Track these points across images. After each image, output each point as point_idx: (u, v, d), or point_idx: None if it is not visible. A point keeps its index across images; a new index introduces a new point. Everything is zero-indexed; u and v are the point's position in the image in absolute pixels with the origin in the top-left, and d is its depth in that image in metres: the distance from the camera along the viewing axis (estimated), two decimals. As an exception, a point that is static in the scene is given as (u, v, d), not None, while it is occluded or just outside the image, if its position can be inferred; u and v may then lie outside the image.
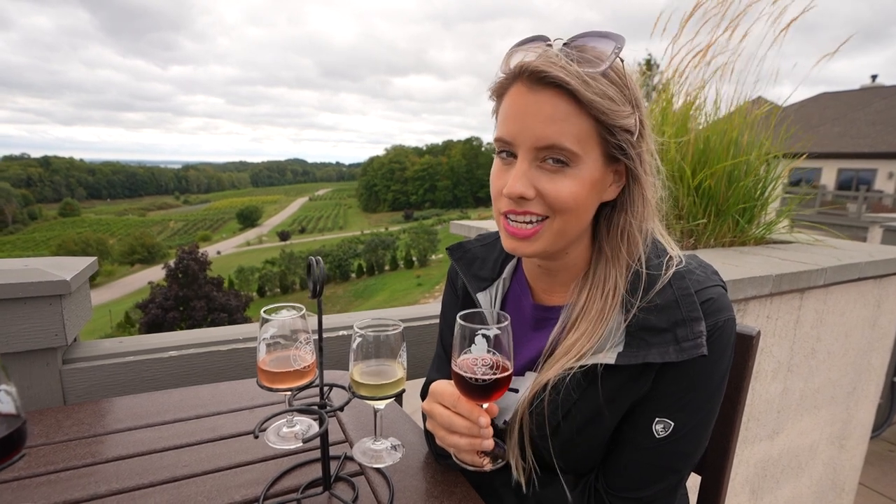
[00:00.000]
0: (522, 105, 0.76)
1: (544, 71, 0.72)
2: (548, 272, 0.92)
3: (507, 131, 0.78)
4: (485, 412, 0.79)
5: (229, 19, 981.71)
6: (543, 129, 0.74)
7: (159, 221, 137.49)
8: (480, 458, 0.83)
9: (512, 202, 0.78)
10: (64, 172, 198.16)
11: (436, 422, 0.83)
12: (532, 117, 0.75)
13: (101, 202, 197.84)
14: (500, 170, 0.82)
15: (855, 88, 28.69)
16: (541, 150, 0.76)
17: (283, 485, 0.87)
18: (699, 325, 0.77)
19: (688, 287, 0.80)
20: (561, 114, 0.74)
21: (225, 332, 1.41)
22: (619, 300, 0.82)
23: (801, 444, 2.26)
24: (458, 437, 0.80)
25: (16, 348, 1.13)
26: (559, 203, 0.77)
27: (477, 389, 0.75)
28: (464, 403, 0.79)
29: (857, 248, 2.36)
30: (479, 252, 1.05)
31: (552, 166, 0.76)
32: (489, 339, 0.74)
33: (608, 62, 0.74)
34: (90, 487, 0.84)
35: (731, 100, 2.34)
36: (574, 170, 0.76)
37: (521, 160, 0.77)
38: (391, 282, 59.32)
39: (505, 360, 0.75)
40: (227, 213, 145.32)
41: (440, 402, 0.83)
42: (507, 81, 0.79)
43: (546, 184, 0.77)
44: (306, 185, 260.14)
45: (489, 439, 0.79)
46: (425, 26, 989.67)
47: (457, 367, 0.76)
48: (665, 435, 0.80)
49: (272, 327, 0.78)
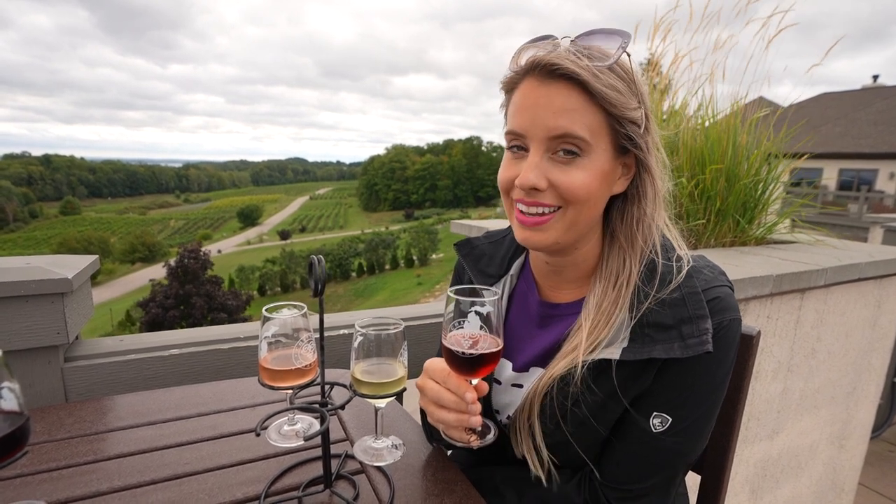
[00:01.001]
0: (534, 97, 0.77)
1: (555, 64, 0.74)
2: (556, 270, 0.92)
3: (518, 123, 0.79)
4: (472, 388, 0.80)
5: (229, 18, 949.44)
6: (556, 120, 0.76)
7: (160, 220, 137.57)
8: (468, 435, 0.84)
9: (524, 192, 0.80)
10: (65, 171, 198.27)
11: (426, 397, 0.85)
12: (544, 108, 0.76)
13: (102, 201, 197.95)
14: (510, 162, 0.83)
15: (856, 88, 28.65)
16: (553, 140, 0.77)
17: (284, 483, 0.88)
18: (705, 322, 0.77)
19: (695, 285, 0.81)
20: (572, 104, 0.76)
21: (226, 331, 1.41)
22: (632, 290, 0.83)
23: (801, 444, 2.26)
24: (446, 412, 0.81)
25: (18, 346, 1.14)
26: (571, 193, 0.78)
27: (465, 363, 0.76)
28: (453, 379, 0.81)
29: (858, 249, 2.36)
30: (486, 249, 1.06)
31: (564, 157, 0.78)
32: (480, 315, 0.76)
33: (615, 56, 0.76)
34: (92, 484, 0.85)
35: (729, 100, 2.35)
36: (585, 160, 0.78)
37: (534, 151, 0.78)
38: (392, 281, 59.31)
39: (494, 336, 0.77)
40: (227, 211, 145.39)
41: (432, 378, 0.84)
42: (517, 77, 0.81)
43: (558, 175, 0.78)
44: (307, 184, 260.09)
45: (476, 416, 0.80)
46: (424, 26, 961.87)
47: (446, 342, 0.77)
48: (662, 430, 0.81)
49: (274, 326, 0.78)
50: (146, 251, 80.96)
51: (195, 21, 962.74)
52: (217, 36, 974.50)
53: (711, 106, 2.33)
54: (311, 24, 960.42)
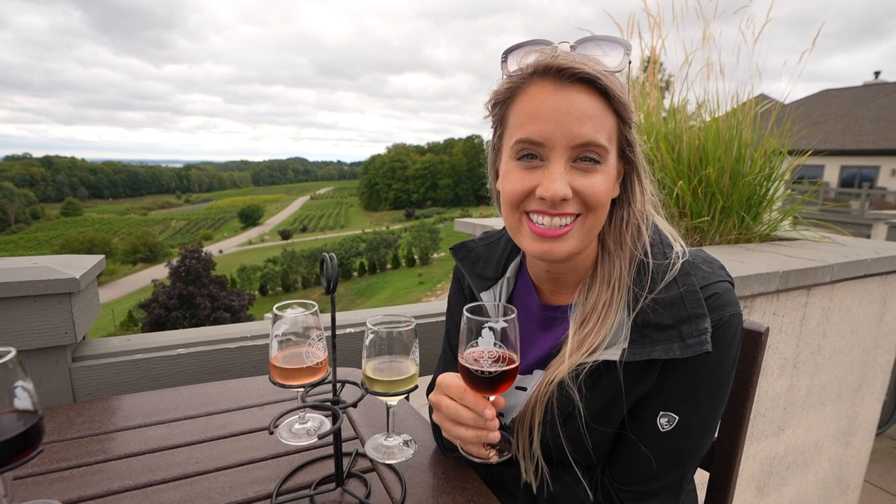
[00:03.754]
0: (552, 103, 0.74)
1: (573, 67, 0.72)
2: (555, 277, 0.91)
3: (536, 131, 0.75)
4: (490, 405, 0.79)
5: (222, 18, 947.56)
6: (580, 128, 0.73)
7: (161, 221, 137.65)
8: (486, 451, 0.83)
9: (545, 203, 0.77)
10: (66, 172, 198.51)
11: (442, 414, 0.83)
12: (566, 115, 0.73)
13: (104, 202, 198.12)
14: (522, 173, 0.79)
15: (858, 85, 28.57)
16: (576, 149, 0.75)
17: (295, 481, 0.88)
18: (704, 321, 0.77)
19: (693, 284, 0.80)
20: (593, 110, 0.74)
21: (233, 330, 1.41)
22: (624, 291, 0.82)
23: (807, 441, 2.26)
24: (464, 429, 0.80)
25: (26, 346, 1.14)
26: (594, 200, 0.77)
27: (483, 382, 0.76)
28: (470, 396, 0.79)
29: (863, 245, 2.36)
30: (482, 251, 1.05)
31: (585, 164, 0.76)
32: (496, 332, 0.75)
33: (623, 62, 0.76)
34: (103, 484, 0.85)
35: (728, 97, 2.34)
36: (603, 166, 0.77)
37: (556, 160, 0.75)
38: (393, 280, 59.31)
39: (511, 353, 0.76)
40: (228, 212, 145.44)
41: (447, 395, 0.83)
42: (521, 80, 0.77)
43: (582, 181, 0.76)
44: (308, 184, 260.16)
45: (495, 432, 0.79)
46: (418, 24, 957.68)
47: (463, 360, 0.76)
48: (670, 429, 0.81)
49: (284, 324, 0.78)
50: (148, 252, 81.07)
51: (187, 20, 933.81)
52: (211, 35, 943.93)
53: (710, 103, 2.32)
54: (304, 23, 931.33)
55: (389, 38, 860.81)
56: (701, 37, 2.25)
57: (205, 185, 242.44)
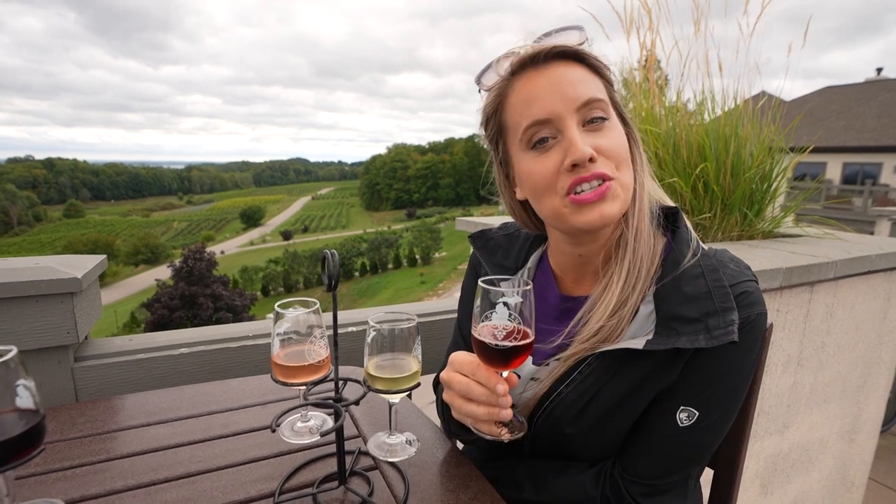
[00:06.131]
0: (542, 81, 0.78)
1: (545, 48, 0.78)
2: (585, 261, 0.90)
3: (540, 109, 0.78)
4: (503, 380, 0.77)
5: (218, 19, 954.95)
6: (576, 90, 0.77)
7: (163, 222, 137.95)
8: (498, 428, 0.81)
9: (580, 169, 0.76)
10: (68, 174, 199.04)
11: (453, 391, 0.82)
12: (558, 85, 0.77)
13: (105, 203, 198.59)
14: (540, 159, 0.80)
15: (860, 82, 28.48)
16: (582, 110, 0.78)
17: (297, 480, 0.87)
18: (731, 314, 0.76)
19: (721, 279, 0.80)
20: (579, 75, 0.78)
21: (235, 330, 1.41)
22: (644, 275, 0.82)
23: (811, 439, 2.25)
24: (475, 406, 0.79)
25: (28, 346, 1.14)
26: (617, 153, 0.79)
27: (497, 355, 0.74)
28: (483, 371, 0.78)
29: (867, 242, 2.35)
30: (501, 241, 1.05)
31: (596, 124, 0.79)
32: (510, 305, 0.74)
33: (582, 38, 0.81)
34: (106, 483, 0.85)
35: (727, 94, 2.33)
36: (611, 122, 0.80)
37: (569, 127, 0.77)
38: (395, 280, 59.35)
39: (526, 328, 0.74)
40: (230, 212, 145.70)
41: (459, 371, 0.82)
42: (504, 84, 0.82)
43: (600, 139, 0.78)
44: (309, 185, 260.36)
45: (507, 409, 0.78)
46: (414, 24, 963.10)
47: (477, 333, 0.75)
48: (689, 424, 0.80)
49: (286, 322, 0.78)
50: (150, 253, 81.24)
51: (183, 22, 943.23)
52: (208, 37, 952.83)
53: (710, 100, 2.31)
54: (300, 24, 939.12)
55: (385, 38, 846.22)
56: (693, 30, 2.24)
57: (206, 186, 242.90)
